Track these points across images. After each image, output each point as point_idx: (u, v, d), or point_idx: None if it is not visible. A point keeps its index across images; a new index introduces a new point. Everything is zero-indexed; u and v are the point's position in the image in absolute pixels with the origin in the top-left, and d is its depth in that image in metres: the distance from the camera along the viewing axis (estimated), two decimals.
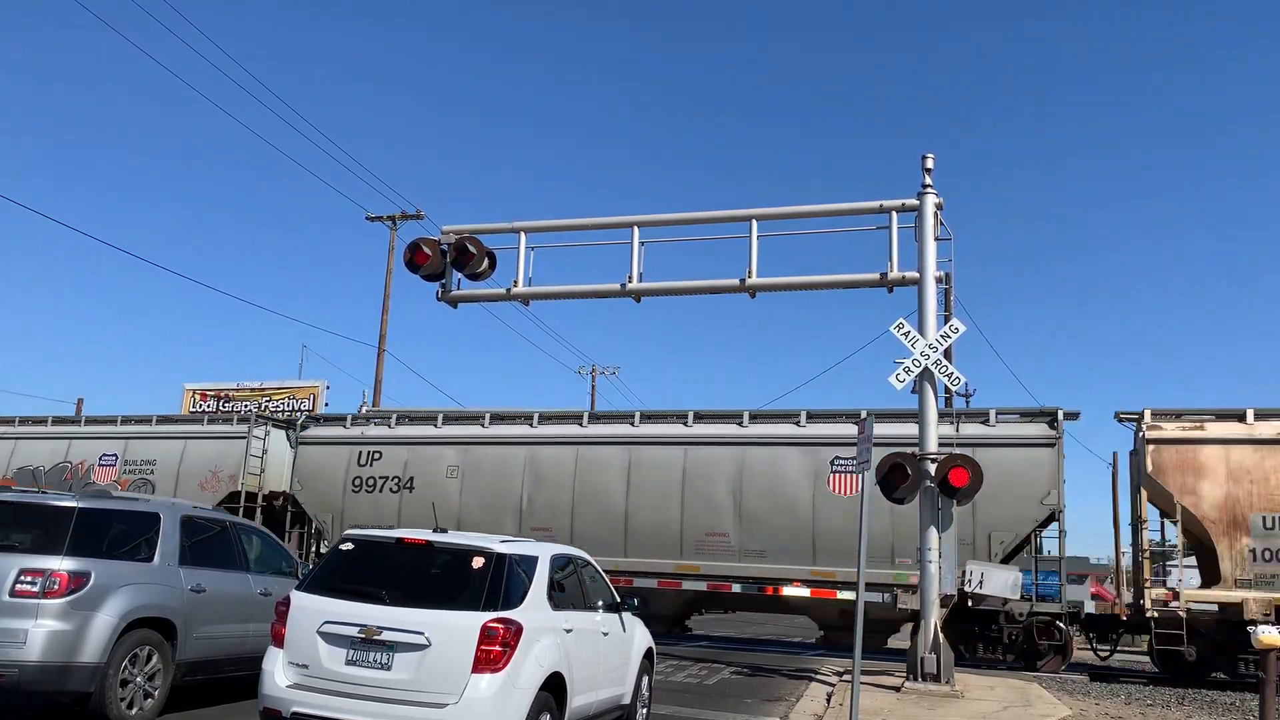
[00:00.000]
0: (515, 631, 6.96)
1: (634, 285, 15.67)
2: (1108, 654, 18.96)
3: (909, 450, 13.91)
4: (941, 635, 13.57)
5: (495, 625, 6.90)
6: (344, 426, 22.64)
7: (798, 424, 19.24)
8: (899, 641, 19.50)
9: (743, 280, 15.19)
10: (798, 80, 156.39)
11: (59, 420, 26.18)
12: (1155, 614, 16.70)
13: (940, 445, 14.16)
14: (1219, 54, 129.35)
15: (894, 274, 14.57)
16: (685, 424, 19.99)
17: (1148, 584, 17.08)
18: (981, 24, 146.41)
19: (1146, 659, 20.43)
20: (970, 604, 17.05)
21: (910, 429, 14.93)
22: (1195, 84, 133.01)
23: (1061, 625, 17.63)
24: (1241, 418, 17.01)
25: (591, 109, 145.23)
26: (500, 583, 7.23)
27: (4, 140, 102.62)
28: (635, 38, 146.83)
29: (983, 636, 17.80)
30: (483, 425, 21.39)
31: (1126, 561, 19.36)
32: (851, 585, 16.59)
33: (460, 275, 16.21)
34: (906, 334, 14.04)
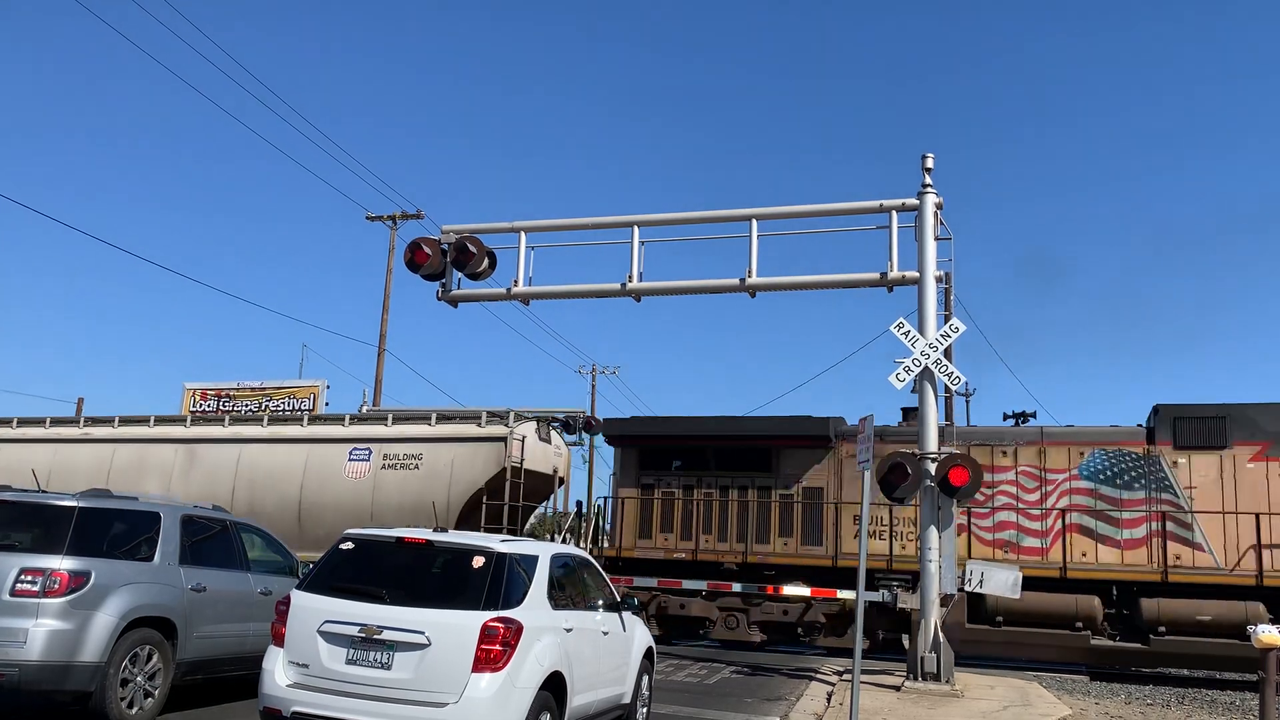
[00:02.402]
0: (515, 631, 6.97)
1: (634, 285, 15.68)
2: None
3: (910, 449, 13.93)
4: (942, 634, 13.57)
5: (495, 624, 6.90)
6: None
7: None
8: None
9: (743, 280, 15.21)
10: (798, 80, 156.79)
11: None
12: None
13: None
14: (1224, 55, 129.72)
15: (894, 273, 14.59)
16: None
17: None
18: (981, 20, 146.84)
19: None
20: None
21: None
22: (1200, 80, 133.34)
23: None
24: None
25: (591, 108, 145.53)
26: (500, 582, 7.23)
27: (3, 140, 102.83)
28: (635, 38, 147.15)
29: None
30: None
31: None
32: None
33: (460, 275, 16.22)
34: (906, 333, 14.05)
